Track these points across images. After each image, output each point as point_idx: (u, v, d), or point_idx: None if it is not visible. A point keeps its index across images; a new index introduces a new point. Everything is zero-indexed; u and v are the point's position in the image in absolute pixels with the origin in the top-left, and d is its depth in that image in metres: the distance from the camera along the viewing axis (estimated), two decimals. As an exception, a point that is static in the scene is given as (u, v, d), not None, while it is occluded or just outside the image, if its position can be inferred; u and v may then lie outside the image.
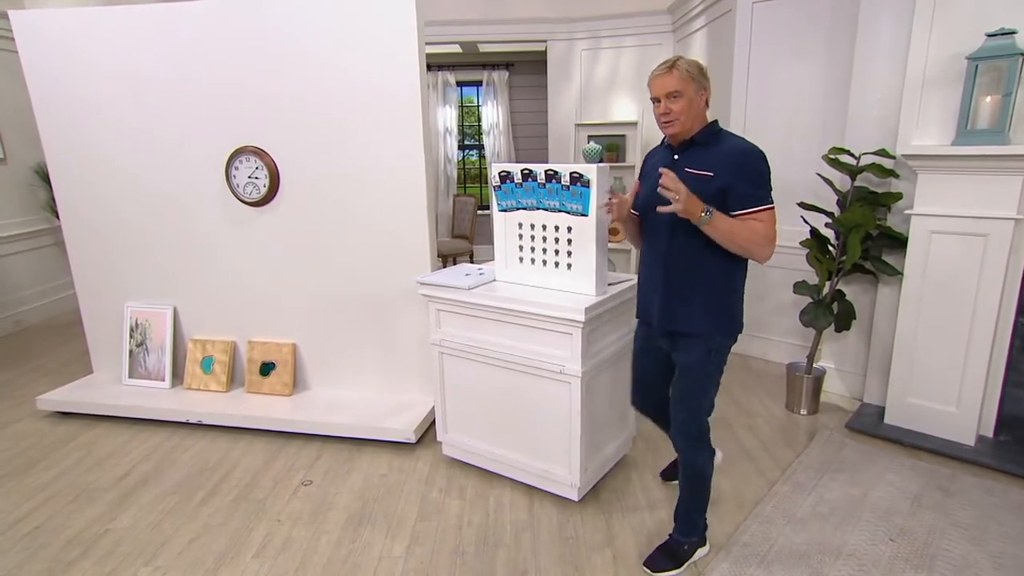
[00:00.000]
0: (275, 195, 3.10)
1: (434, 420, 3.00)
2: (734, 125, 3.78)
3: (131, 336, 3.40)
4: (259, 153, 3.04)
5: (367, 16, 2.79)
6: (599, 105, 5.69)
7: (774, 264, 3.77)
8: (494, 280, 2.57)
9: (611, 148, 5.36)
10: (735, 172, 1.82)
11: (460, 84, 7.12)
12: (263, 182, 3.06)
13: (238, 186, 3.10)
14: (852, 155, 2.90)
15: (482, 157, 7.37)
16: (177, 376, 3.42)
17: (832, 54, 3.32)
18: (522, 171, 2.39)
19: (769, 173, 1.85)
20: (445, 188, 7.08)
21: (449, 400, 2.68)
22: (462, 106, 7.27)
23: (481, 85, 6.92)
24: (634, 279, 2.58)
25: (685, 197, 1.74)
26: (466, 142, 7.42)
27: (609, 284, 2.44)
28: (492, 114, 6.89)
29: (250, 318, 3.31)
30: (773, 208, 1.84)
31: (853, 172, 2.88)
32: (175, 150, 3.14)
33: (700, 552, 2.15)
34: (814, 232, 3.10)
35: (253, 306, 3.29)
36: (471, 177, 7.54)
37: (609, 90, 5.63)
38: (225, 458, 2.84)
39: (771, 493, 2.45)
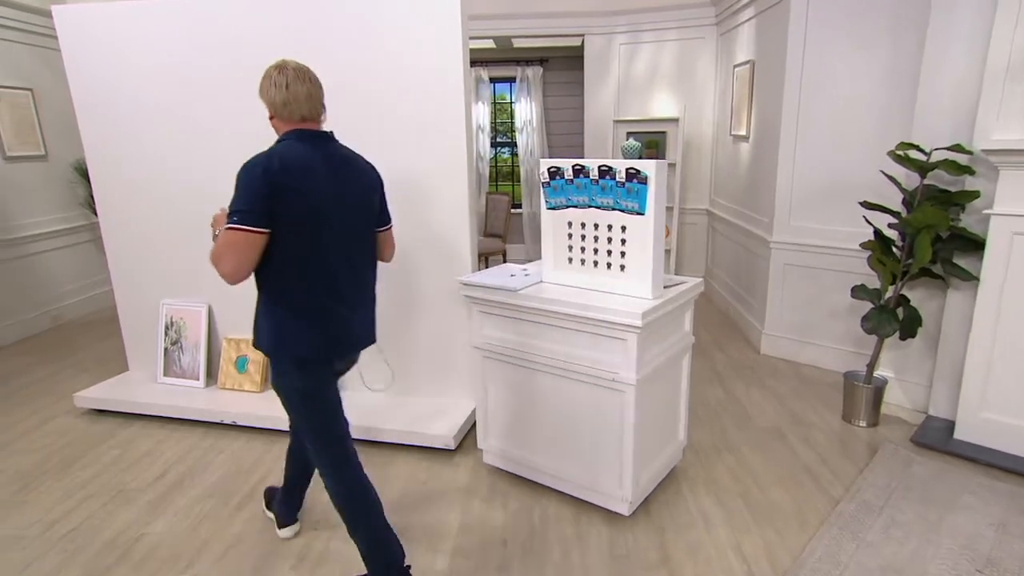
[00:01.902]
0: None
1: (474, 426, 2.90)
2: (786, 121, 3.60)
3: (166, 334, 3.36)
4: None
5: (411, 8, 2.69)
6: (638, 101, 5.53)
7: (825, 266, 3.59)
8: (541, 281, 2.44)
9: (651, 145, 5.20)
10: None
11: (493, 80, 7.02)
12: None
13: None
14: (922, 151, 2.71)
15: (514, 155, 7.25)
16: (211, 375, 3.37)
17: (897, 42, 3.13)
18: (573, 167, 2.26)
19: (244, 188, 1.62)
20: (477, 186, 6.98)
21: (491, 406, 2.57)
22: (495, 103, 7.17)
23: (514, 81, 6.81)
24: (692, 281, 2.44)
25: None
26: (498, 139, 7.32)
27: (664, 287, 2.30)
28: (525, 111, 6.77)
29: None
30: (233, 229, 1.60)
31: (924, 169, 2.69)
32: (213, 146, 3.08)
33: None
34: (878, 233, 2.91)
35: (289, 305, 3.22)
36: (503, 175, 7.43)
37: (648, 85, 5.46)
38: (260, 461, 2.77)
39: (836, 512, 2.29)
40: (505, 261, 5.72)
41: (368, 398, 3.16)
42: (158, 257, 3.32)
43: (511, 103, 7.10)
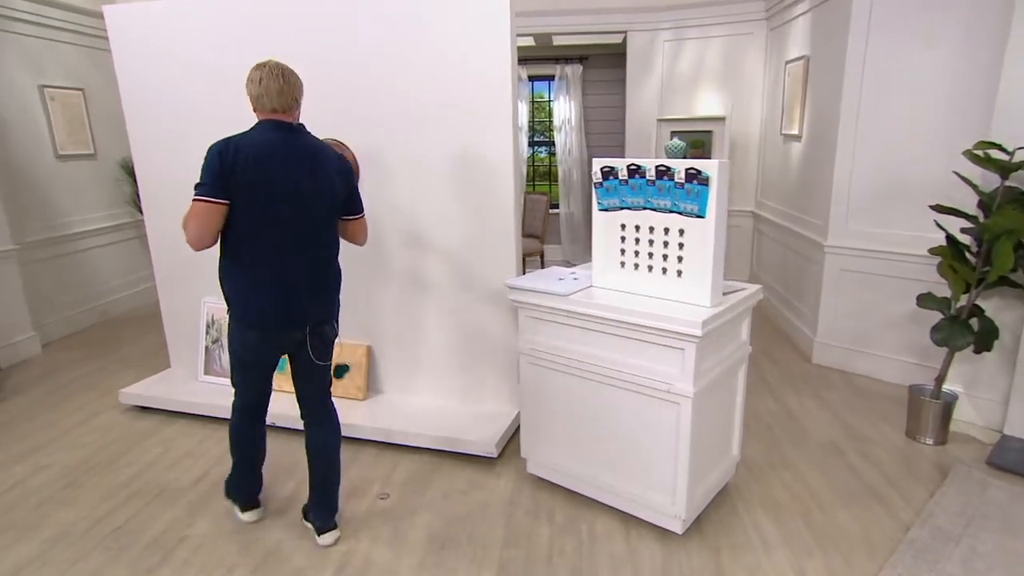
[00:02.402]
0: None
1: (516, 433, 2.82)
2: (844, 120, 3.42)
3: (207, 332, 3.36)
4: (339, 146, 2.92)
5: (458, 4, 2.62)
6: (682, 99, 5.37)
7: (884, 272, 3.40)
8: (590, 286, 2.34)
9: (696, 144, 5.04)
10: None
11: (532, 79, 6.93)
12: None
13: (317, 181, 2.99)
14: (1004, 150, 2.52)
15: (552, 154, 7.15)
16: (252, 374, 3.36)
17: (971, 34, 2.93)
18: (628, 167, 2.16)
19: (204, 166, 1.88)
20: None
21: (536, 415, 2.48)
22: (533, 101, 7.08)
23: (553, 79, 6.70)
24: (750, 287, 2.31)
25: None
26: (536, 138, 7.22)
27: (724, 293, 2.18)
28: (564, 109, 6.66)
29: (326, 317, 3.21)
30: (196, 200, 1.87)
31: (1006, 169, 2.50)
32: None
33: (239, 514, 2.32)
34: (950, 239, 2.72)
35: (329, 305, 3.18)
36: (540, 174, 7.34)
37: (693, 83, 5.30)
38: (299, 463, 2.73)
39: (907, 539, 2.13)
40: (543, 262, 5.63)
41: (407, 401, 3.11)
42: (200, 255, 3.31)
43: (549, 102, 7.01)
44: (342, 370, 3.18)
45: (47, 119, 4.47)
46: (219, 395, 3.20)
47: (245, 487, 2.32)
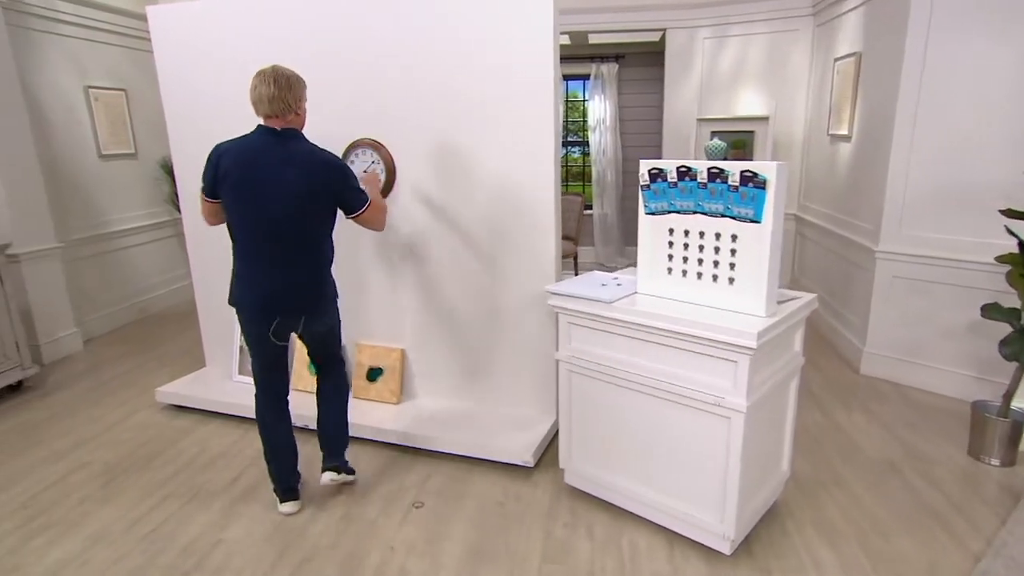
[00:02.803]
0: (391, 191, 2.93)
1: (553, 442, 2.74)
2: (900, 119, 3.24)
3: (241, 332, 3.35)
4: (376, 146, 2.88)
5: (499, 2, 2.56)
6: (722, 98, 5.22)
7: (941, 280, 3.23)
8: (635, 292, 2.25)
9: (738, 145, 4.89)
10: None
11: (566, 78, 6.83)
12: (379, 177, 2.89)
13: (354, 182, 2.96)
14: (1084, 153, 2.34)
15: (585, 154, 7.04)
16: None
17: (1045, 31, 2.74)
18: (678, 168, 2.06)
19: (204, 167, 2.20)
20: (546, 187, 6.82)
21: (576, 424, 2.40)
22: (567, 101, 6.98)
23: (588, 78, 6.59)
24: (805, 296, 2.19)
25: None
26: (569, 138, 7.12)
27: (778, 302, 2.06)
28: (599, 109, 6.55)
29: (359, 320, 3.18)
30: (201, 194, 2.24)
31: (1085, 174, 2.32)
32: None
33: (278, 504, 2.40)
34: (1022, 245, 2.55)
35: (362, 307, 3.15)
36: (573, 175, 7.24)
37: (735, 81, 5.14)
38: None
39: (978, 571, 1.99)
40: (576, 264, 5.54)
41: (441, 406, 3.05)
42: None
43: (584, 101, 6.90)
44: (375, 373, 3.14)
45: (91, 119, 4.55)
46: (252, 396, 3.19)
47: (277, 476, 2.39)
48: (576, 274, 5.72)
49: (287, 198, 2.09)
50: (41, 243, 3.99)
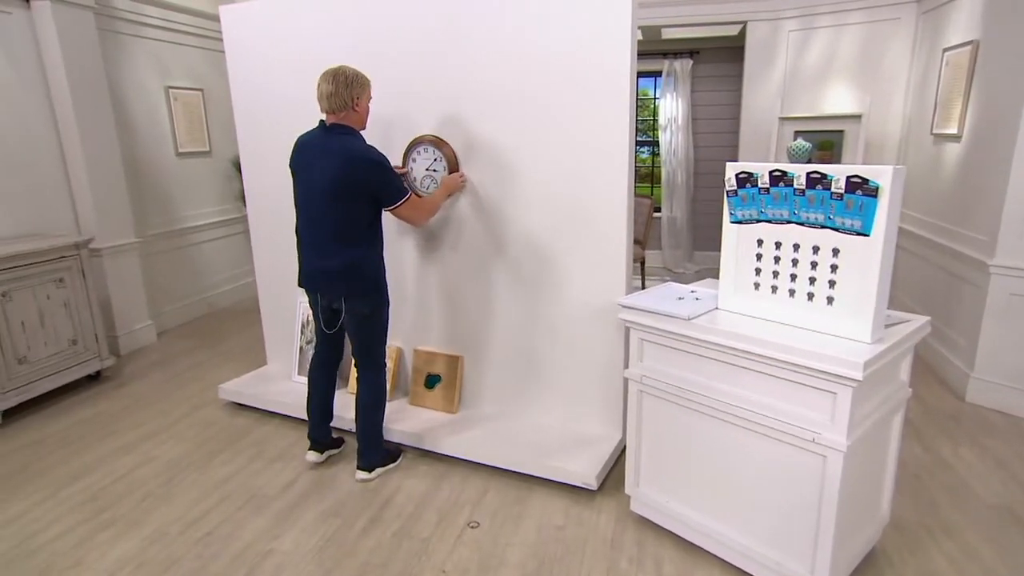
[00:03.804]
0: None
1: (619, 463, 2.57)
2: (1027, 115, 2.86)
3: (301, 333, 3.35)
4: (437, 143, 2.77)
5: (573, -11, 2.40)
6: (808, 95, 4.85)
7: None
8: (716, 308, 2.04)
9: (824, 146, 4.52)
10: None
11: (637, 75, 6.56)
12: (441, 175, 2.79)
13: (415, 179, 2.87)
14: None
15: (655, 155, 6.76)
16: (342, 378, 3.30)
17: None
18: (771, 173, 1.84)
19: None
20: (612, 188, 6.59)
21: (645, 448, 2.21)
22: (637, 99, 6.71)
23: (659, 76, 6.32)
24: (916, 319, 1.92)
25: None
26: (638, 138, 6.85)
27: (885, 326, 1.81)
28: (671, 107, 6.26)
29: (418, 324, 3.10)
30: None
31: None
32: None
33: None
34: None
35: (422, 311, 3.07)
36: (641, 176, 6.97)
37: (823, 77, 4.76)
38: (387, 479, 2.63)
39: None
40: (643, 269, 5.29)
41: (500, 418, 2.92)
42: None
43: (654, 99, 6.63)
44: (433, 380, 3.05)
45: (170, 118, 4.70)
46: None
47: (309, 425, 2.71)
48: (643, 279, 5.48)
49: (324, 188, 2.28)
50: (121, 238, 4.14)
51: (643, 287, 5.13)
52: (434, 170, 2.82)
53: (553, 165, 2.58)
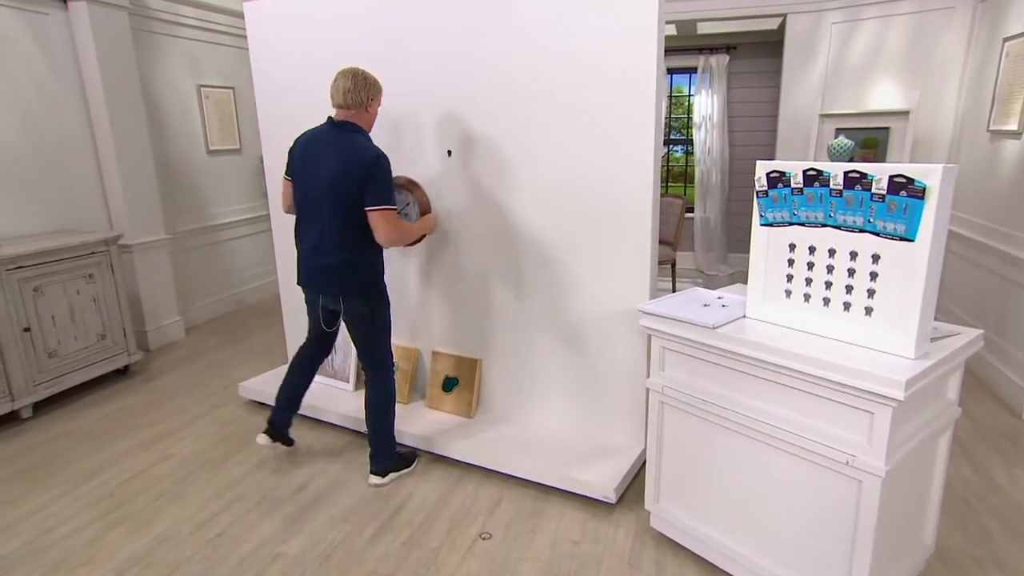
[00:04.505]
0: (423, 237, 2.85)
1: (639, 475, 2.45)
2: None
3: (324, 332, 3.32)
4: (409, 186, 2.83)
5: (596, -22, 2.29)
6: (851, 91, 4.61)
7: None
8: (744, 316, 1.91)
9: (868, 144, 4.29)
10: None
11: (670, 71, 6.40)
12: (413, 218, 2.82)
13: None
14: None
15: (689, 153, 6.57)
16: (360, 378, 3.27)
17: None
18: (806, 172, 1.70)
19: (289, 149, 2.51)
20: (644, 187, 6.42)
21: (666, 463, 2.10)
22: (671, 96, 6.54)
23: (695, 72, 6.13)
24: (967, 333, 1.75)
25: None
26: (672, 136, 6.68)
27: (931, 339, 1.65)
28: (706, 104, 6.06)
29: (436, 326, 3.03)
30: None
31: None
32: (382, 148, 2.94)
33: None
34: None
35: (441, 312, 3.00)
36: (674, 175, 6.79)
37: (868, 71, 4.52)
38: (400, 484, 2.57)
39: None
40: (674, 271, 5.13)
41: (518, 424, 2.83)
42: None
43: (689, 96, 6.44)
44: (451, 383, 2.98)
45: (202, 117, 4.75)
46: (328, 398, 3.14)
47: (275, 405, 2.69)
48: (673, 281, 5.32)
49: (330, 182, 2.26)
50: (151, 235, 4.20)
51: (673, 290, 4.97)
52: (406, 214, 2.80)
53: (576, 166, 2.48)
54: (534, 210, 2.62)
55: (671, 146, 6.73)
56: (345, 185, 2.23)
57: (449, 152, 2.74)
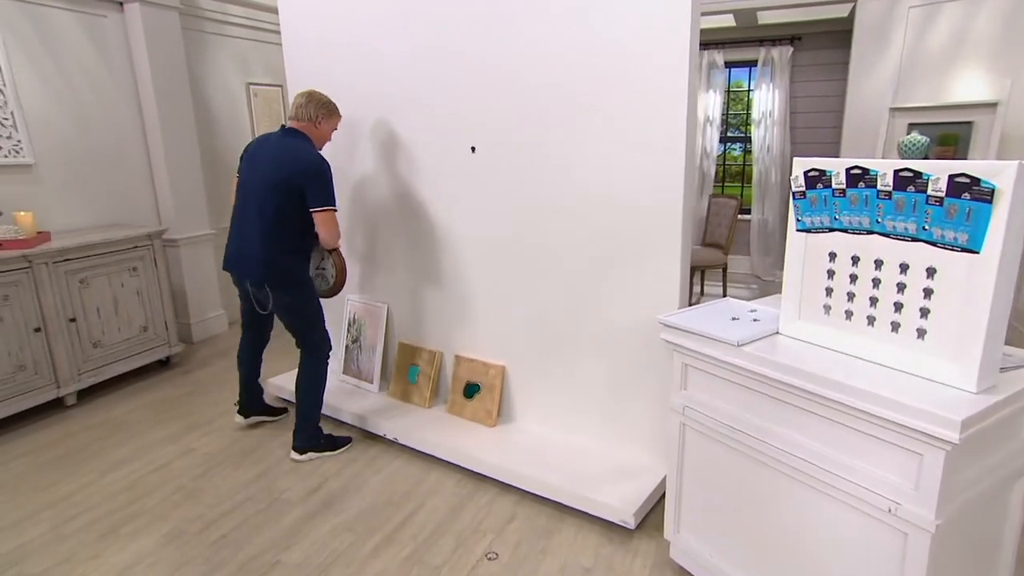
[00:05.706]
0: (340, 290, 2.84)
1: (661, 500, 2.26)
2: None
3: (348, 330, 3.29)
4: (336, 254, 2.76)
5: (626, -40, 2.11)
6: (929, 82, 4.19)
7: None
8: (776, 333, 1.70)
9: (946, 141, 3.88)
10: None
11: (729, 65, 6.05)
12: (329, 273, 2.80)
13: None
14: None
15: (747, 151, 6.20)
16: (385, 378, 3.21)
17: None
18: (849, 170, 1.48)
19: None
20: (700, 187, 6.10)
21: (688, 490, 1.91)
22: (729, 91, 6.19)
23: (755, 65, 5.76)
24: (1045, 364, 1.48)
25: None
26: (729, 133, 6.32)
27: (1000, 370, 1.40)
28: (766, 100, 5.69)
29: (460, 329, 2.93)
30: None
31: None
32: (407, 148, 2.86)
33: None
34: None
35: (465, 316, 2.89)
36: (731, 175, 6.43)
37: (949, 60, 4.09)
38: (412, 492, 2.48)
39: None
40: (725, 275, 4.84)
41: (539, 435, 2.69)
42: (346, 251, 3.24)
43: (748, 91, 6.07)
44: (472, 389, 2.87)
45: (250, 114, 4.84)
46: (350, 398, 3.10)
47: (239, 393, 3.00)
48: (724, 286, 5.02)
49: (266, 178, 2.45)
50: (197, 230, 4.31)
51: (724, 295, 4.69)
52: (323, 268, 2.79)
53: (601, 162, 2.31)
54: (562, 217, 2.47)
55: (728, 144, 6.37)
56: (285, 183, 2.42)
57: (473, 148, 2.63)
